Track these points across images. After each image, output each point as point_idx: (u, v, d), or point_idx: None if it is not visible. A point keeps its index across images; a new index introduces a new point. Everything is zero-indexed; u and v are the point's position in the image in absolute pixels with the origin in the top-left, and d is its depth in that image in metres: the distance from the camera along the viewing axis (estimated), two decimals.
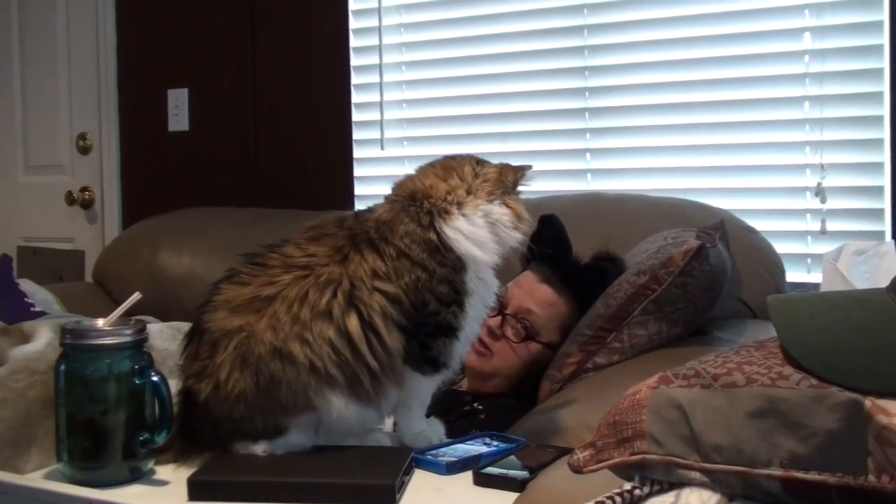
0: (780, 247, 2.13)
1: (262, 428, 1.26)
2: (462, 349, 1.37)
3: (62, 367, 1.25)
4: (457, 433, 1.42)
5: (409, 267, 1.29)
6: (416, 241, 1.30)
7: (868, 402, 0.76)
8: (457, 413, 1.63)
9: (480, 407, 1.66)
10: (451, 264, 1.31)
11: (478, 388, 1.75)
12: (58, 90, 3.47)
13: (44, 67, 3.49)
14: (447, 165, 1.38)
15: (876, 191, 2.21)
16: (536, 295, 1.75)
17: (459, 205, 1.33)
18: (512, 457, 1.27)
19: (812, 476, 0.77)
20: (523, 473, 1.20)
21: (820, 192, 2.22)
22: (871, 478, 0.74)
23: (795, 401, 0.79)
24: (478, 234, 1.32)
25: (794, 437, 0.78)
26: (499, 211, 1.34)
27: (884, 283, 0.89)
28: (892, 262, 1.77)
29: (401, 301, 1.28)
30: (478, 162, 1.39)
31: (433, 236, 1.31)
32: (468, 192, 1.34)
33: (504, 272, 1.47)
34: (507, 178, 1.37)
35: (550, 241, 1.76)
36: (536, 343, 1.73)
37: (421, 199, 1.33)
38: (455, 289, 1.32)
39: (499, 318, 1.72)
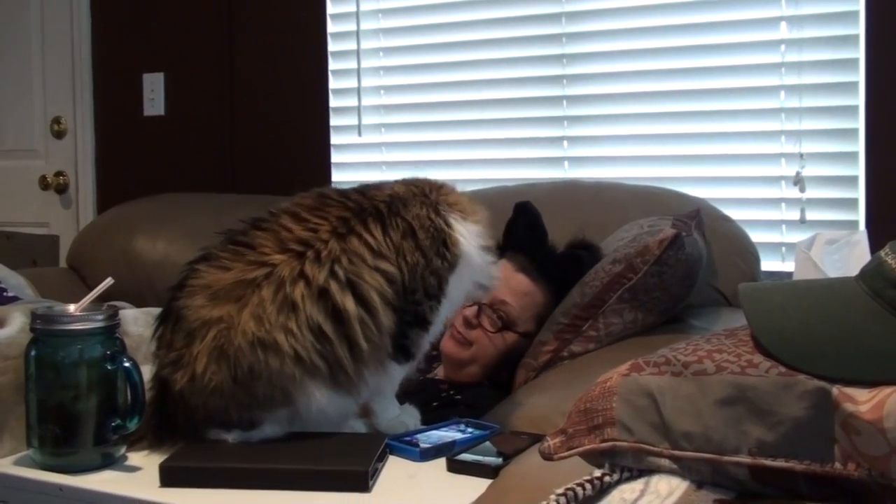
0: (756, 235, 2.14)
1: (236, 420, 1.25)
2: (426, 344, 1.40)
3: (32, 353, 1.23)
4: (437, 421, 1.42)
5: (412, 249, 1.32)
6: (425, 226, 1.34)
7: (835, 389, 0.77)
8: (439, 402, 1.63)
9: (459, 397, 1.66)
10: (448, 260, 1.35)
11: (453, 377, 1.75)
12: (31, 74, 3.42)
13: (17, 50, 3.44)
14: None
15: (850, 180, 2.22)
16: (512, 284, 1.74)
17: (462, 214, 1.39)
18: (486, 443, 1.27)
19: (779, 463, 0.77)
20: (497, 460, 1.20)
21: (799, 181, 2.23)
22: (838, 465, 0.75)
23: (764, 388, 0.79)
24: (475, 240, 1.38)
25: (763, 424, 0.78)
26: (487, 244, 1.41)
27: (855, 271, 0.89)
28: (864, 251, 1.78)
29: (395, 281, 1.30)
30: None
31: (443, 225, 1.35)
32: (466, 215, 1.40)
33: None
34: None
35: (526, 228, 1.76)
36: (513, 333, 1.73)
37: (432, 192, 1.38)
38: (440, 285, 1.35)
39: (475, 308, 1.72)
